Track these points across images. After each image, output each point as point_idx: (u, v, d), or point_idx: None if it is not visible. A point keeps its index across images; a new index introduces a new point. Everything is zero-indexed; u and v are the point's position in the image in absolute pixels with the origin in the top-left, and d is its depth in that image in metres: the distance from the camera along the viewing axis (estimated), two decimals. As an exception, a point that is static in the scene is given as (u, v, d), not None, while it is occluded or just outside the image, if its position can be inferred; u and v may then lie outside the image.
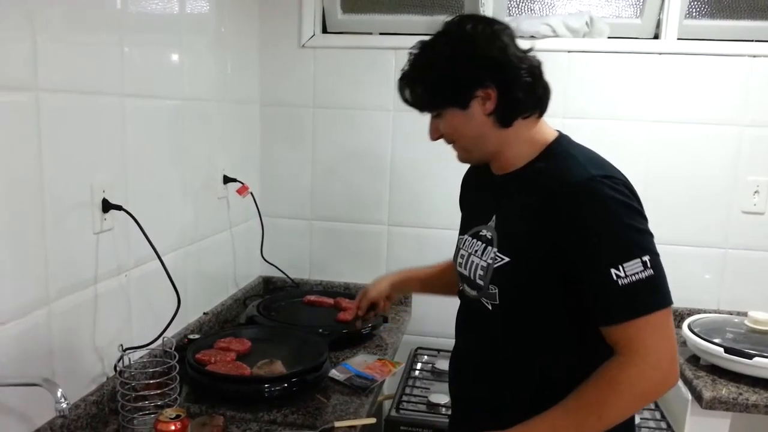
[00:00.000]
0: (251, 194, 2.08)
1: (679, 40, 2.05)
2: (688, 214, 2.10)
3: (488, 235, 1.20)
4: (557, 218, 1.06)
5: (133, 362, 1.42)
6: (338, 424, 1.36)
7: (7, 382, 1.06)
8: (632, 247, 1.02)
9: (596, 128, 2.07)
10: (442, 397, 1.82)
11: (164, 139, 1.62)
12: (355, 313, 1.65)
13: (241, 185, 2.00)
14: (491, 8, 2.13)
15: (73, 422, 1.25)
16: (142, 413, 1.32)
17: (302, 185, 2.30)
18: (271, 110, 2.27)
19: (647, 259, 1.02)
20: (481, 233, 1.22)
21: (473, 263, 1.21)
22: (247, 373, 1.48)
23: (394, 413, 1.77)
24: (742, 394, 1.59)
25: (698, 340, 1.73)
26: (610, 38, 2.09)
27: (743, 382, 1.65)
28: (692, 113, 2.05)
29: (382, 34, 2.21)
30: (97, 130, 1.33)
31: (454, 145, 1.22)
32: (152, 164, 1.56)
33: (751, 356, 1.63)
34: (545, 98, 1.16)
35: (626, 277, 1.01)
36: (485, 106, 1.12)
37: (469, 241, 1.26)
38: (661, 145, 2.07)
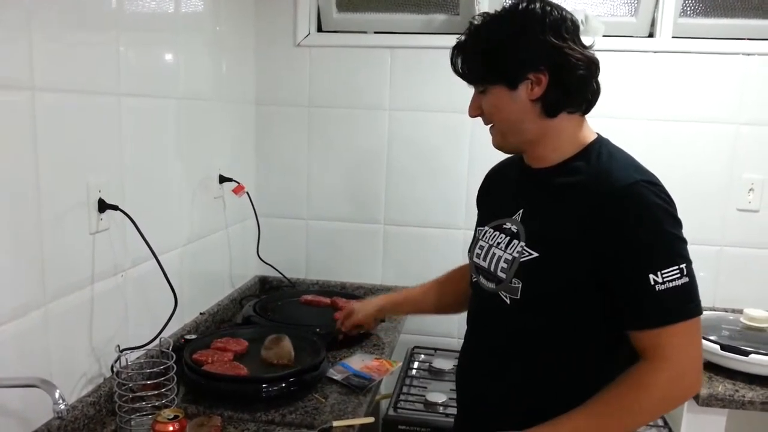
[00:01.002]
0: (247, 194, 2.07)
1: (673, 38, 2.05)
2: (683, 211, 2.05)
3: (513, 228, 1.18)
4: (599, 220, 1.05)
5: (130, 363, 1.41)
6: (336, 423, 1.36)
7: (4, 383, 1.05)
8: (672, 254, 1.03)
9: (591, 126, 2.07)
10: (439, 395, 1.83)
11: (160, 138, 1.61)
12: (337, 329, 1.63)
13: (237, 185, 2.00)
14: (487, 6, 2.13)
15: (70, 423, 1.24)
16: (139, 414, 1.32)
17: (298, 185, 2.30)
18: (266, 109, 2.27)
19: (684, 266, 1.03)
20: (504, 226, 1.20)
21: (495, 255, 1.19)
22: (244, 373, 1.48)
23: (391, 412, 1.77)
24: (738, 391, 1.60)
25: (694, 337, 1.74)
26: (605, 37, 2.09)
27: (739, 379, 1.65)
28: (687, 111, 2.06)
29: (377, 32, 2.21)
30: (93, 129, 1.33)
31: (491, 128, 1.20)
32: (148, 164, 1.55)
33: (746, 353, 1.64)
34: (594, 97, 1.15)
35: (663, 283, 1.01)
36: (533, 90, 1.10)
37: (490, 232, 1.23)
38: (656, 143, 2.07)
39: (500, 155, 1.31)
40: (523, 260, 1.13)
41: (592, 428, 1.06)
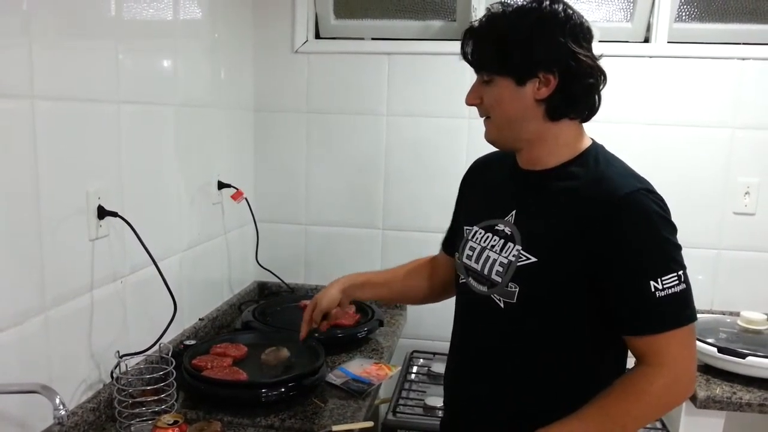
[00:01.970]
0: (246, 200, 2.08)
1: (669, 43, 2.07)
2: (680, 215, 2.05)
3: (507, 230, 1.17)
4: (599, 227, 1.06)
5: (129, 368, 1.42)
6: (336, 428, 1.36)
7: (4, 389, 1.06)
8: (671, 261, 1.04)
9: (587, 131, 2.08)
10: (438, 400, 1.82)
11: (159, 145, 1.62)
12: (308, 328, 1.49)
13: (235, 191, 2.01)
14: (482, 12, 2.14)
15: (70, 429, 1.24)
16: (139, 420, 1.32)
17: (297, 190, 2.31)
18: (265, 115, 2.28)
19: (681, 273, 1.04)
20: (497, 227, 1.19)
21: (489, 258, 1.17)
22: (243, 378, 1.49)
23: (390, 417, 1.77)
24: (735, 393, 1.60)
25: (692, 340, 1.75)
26: (600, 42, 2.10)
27: (737, 381, 1.66)
28: (683, 116, 2.07)
29: (374, 39, 2.22)
30: (92, 136, 1.34)
31: (487, 119, 1.18)
32: (147, 171, 1.56)
33: (744, 356, 1.65)
34: (596, 107, 1.15)
35: (664, 290, 1.02)
36: (540, 90, 1.09)
37: (480, 234, 1.22)
38: (652, 147, 2.08)
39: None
40: (520, 264, 1.12)
41: None
